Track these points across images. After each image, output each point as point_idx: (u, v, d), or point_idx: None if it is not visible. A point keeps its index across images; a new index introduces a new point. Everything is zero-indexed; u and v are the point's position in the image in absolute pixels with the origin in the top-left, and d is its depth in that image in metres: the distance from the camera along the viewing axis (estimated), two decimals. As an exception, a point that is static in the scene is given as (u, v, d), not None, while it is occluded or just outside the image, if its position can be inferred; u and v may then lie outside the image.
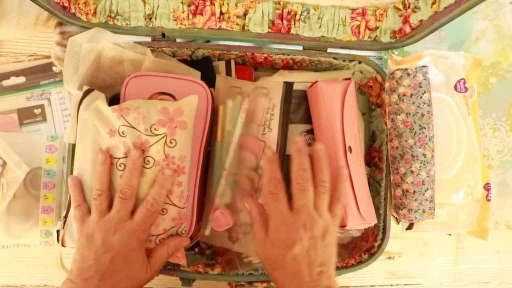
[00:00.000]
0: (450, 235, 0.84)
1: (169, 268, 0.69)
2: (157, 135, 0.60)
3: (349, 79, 0.69)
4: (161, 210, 0.61)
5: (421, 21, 0.63)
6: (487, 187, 0.72)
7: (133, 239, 0.58)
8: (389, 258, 0.84)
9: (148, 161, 0.61)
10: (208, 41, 0.73)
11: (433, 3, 0.60)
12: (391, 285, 0.84)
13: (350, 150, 0.66)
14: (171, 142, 0.61)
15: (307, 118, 0.70)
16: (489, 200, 0.72)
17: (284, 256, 0.56)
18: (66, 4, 0.65)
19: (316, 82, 0.67)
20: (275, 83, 0.68)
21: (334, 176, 0.62)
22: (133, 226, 0.58)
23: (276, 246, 0.57)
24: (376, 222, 0.68)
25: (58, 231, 0.65)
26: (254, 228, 0.60)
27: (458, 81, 0.71)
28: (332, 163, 0.66)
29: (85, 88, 0.63)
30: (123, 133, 0.60)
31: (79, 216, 0.60)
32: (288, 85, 0.67)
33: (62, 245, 0.64)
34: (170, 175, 0.60)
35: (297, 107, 0.69)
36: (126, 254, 0.58)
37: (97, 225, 0.58)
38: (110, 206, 0.60)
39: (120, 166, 0.61)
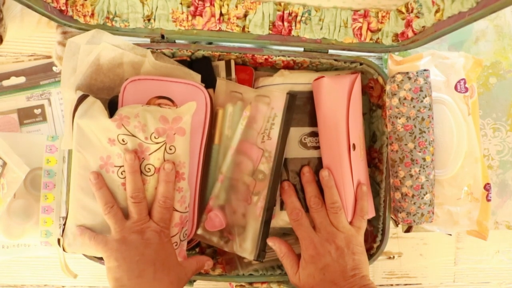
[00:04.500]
0: (450, 235, 0.84)
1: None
2: (157, 143, 0.60)
3: (356, 72, 0.68)
4: (173, 204, 0.62)
5: (423, 27, 0.63)
6: (487, 187, 0.72)
7: (161, 235, 0.60)
8: (389, 258, 0.84)
9: (149, 168, 0.61)
10: (210, 43, 0.73)
11: (436, 11, 0.58)
12: (391, 285, 0.84)
13: (354, 148, 0.66)
14: (170, 149, 0.61)
15: (307, 121, 0.69)
16: (489, 200, 0.72)
17: (319, 270, 0.63)
18: (63, 8, 0.64)
19: (322, 77, 0.67)
20: (277, 92, 0.68)
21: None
22: (156, 225, 0.60)
23: (310, 263, 0.63)
24: (374, 215, 0.70)
25: (58, 240, 0.65)
26: (285, 263, 0.66)
27: (459, 81, 0.71)
28: (336, 162, 0.66)
29: (79, 93, 0.62)
30: (123, 141, 0.60)
31: (101, 243, 0.60)
32: (291, 97, 0.67)
33: (64, 250, 0.64)
34: (172, 168, 0.61)
35: (297, 109, 0.69)
36: (165, 247, 0.60)
37: (124, 230, 0.59)
38: (124, 216, 0.61)
39: (121, 174, 0.61)
